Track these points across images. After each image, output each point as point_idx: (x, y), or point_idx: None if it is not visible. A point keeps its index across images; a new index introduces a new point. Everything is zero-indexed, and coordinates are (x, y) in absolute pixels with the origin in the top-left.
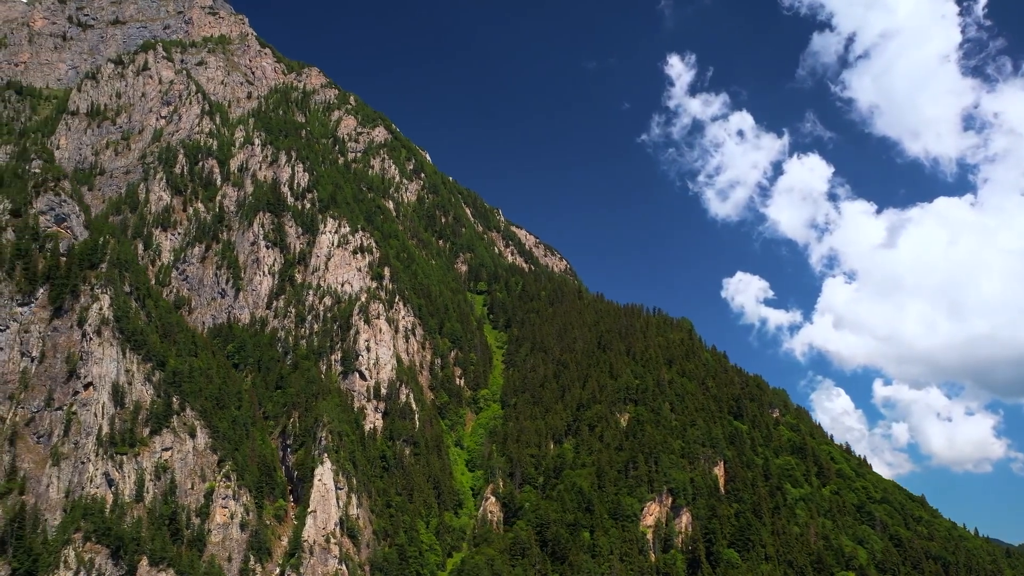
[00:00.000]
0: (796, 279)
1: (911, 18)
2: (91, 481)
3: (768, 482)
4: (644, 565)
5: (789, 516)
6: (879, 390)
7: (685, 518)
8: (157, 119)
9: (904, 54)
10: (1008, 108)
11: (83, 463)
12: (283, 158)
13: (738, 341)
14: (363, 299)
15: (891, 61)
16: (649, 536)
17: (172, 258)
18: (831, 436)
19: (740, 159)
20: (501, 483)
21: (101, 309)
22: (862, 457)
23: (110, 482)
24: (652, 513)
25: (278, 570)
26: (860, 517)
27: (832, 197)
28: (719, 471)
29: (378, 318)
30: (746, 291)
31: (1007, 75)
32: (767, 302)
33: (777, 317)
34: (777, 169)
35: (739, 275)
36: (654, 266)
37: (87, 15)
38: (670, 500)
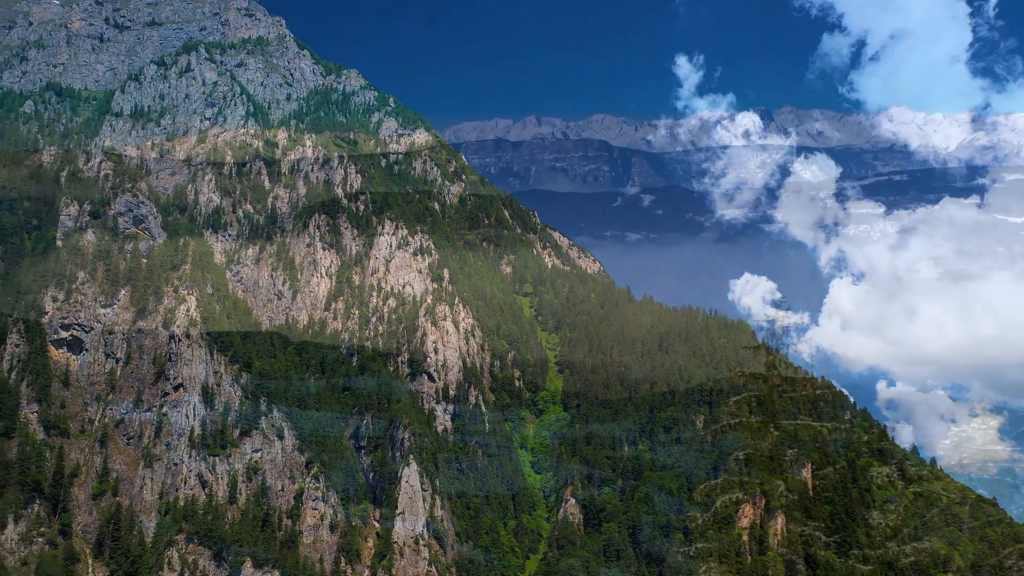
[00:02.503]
0: (803, 280)
1: (923, 19)
2: (185, 483)
3: (856, 484)
4: (742, 567)
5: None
6: (882, 392)
7: (780, 520)
8: (201, 120)
9: (914, 55)
10: (1018, 108)
11: (176, 465)
12: (335, 160)
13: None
14: (428, 301)
15: (900, 62)
16: (744, 538)
17: (225, 260)
18: (893, 438)
19: (747, 160)
20: (579, 485)
21: (188, 310)
22: (932, 459)
23: (203, 484)
24: (747, 515)
25: (368, 572)
26: (945, 519)
27: (840, 198)
28: (807, 473)
29: (444, 320)
30: (753, 292)
31: (1017, 75)
32: (774, 303)
33: (784, 319)
34: (784, 170)
35: (746, 276)
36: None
37: (123, 16)
38: (763, 502)
